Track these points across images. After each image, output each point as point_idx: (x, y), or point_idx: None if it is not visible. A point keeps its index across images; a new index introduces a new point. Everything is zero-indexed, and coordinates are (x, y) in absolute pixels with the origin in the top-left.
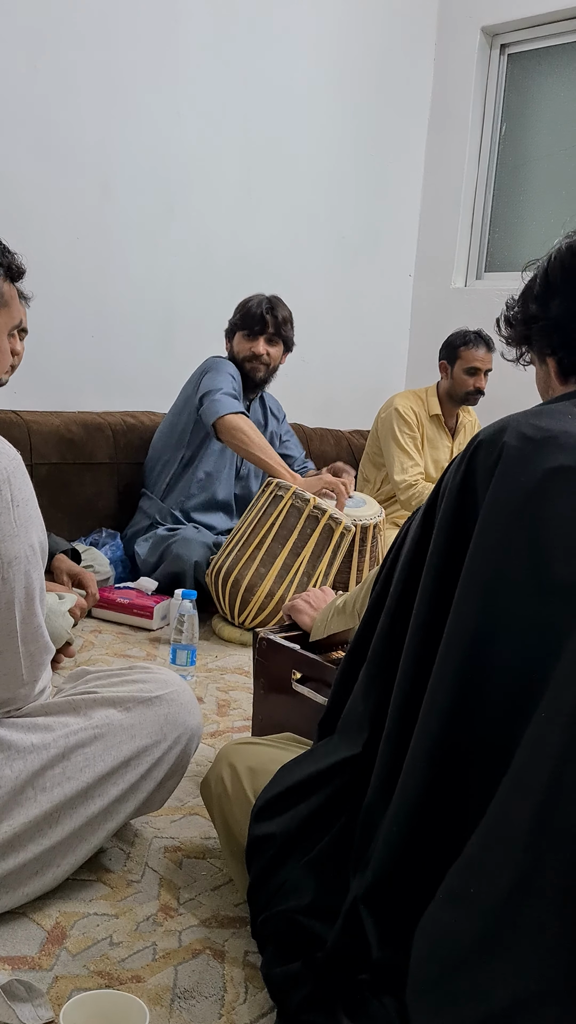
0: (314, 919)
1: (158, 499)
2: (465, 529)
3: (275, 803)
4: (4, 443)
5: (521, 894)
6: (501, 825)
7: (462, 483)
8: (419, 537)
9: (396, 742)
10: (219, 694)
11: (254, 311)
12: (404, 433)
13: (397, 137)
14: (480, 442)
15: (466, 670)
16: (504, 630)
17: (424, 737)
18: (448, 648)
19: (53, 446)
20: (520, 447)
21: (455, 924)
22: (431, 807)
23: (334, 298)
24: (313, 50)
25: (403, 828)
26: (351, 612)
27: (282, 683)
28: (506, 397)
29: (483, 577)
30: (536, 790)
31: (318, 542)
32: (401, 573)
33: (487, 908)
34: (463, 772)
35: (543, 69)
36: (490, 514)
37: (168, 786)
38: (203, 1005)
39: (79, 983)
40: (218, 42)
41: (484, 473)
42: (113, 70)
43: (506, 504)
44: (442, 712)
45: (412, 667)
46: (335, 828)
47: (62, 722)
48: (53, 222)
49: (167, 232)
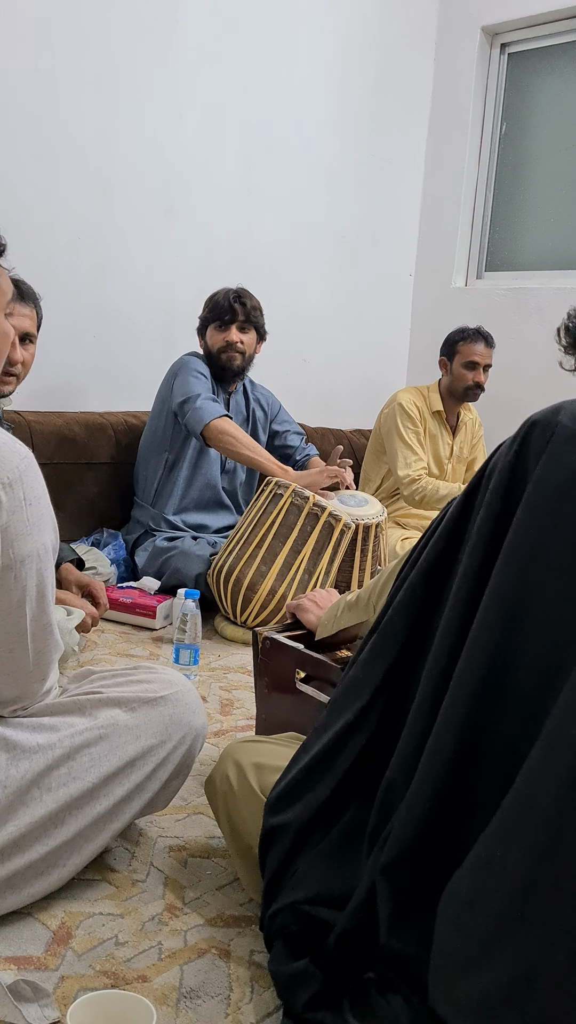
0: (322, 907)
1: (149, 506)
2: (511, 507)
3: (288, 794)
4: (17, 443)
5: (552, 857)
6: (534, 788)
7: (515, 460)
8: (459, 513)
9: (428, 718)
10: (223, 693)
11: (222, 302)
12: (407, 428)
13: (397, 137)
14: (535, 422)
15: (500, 645)
16: (539, 610)
17: (453, 712)
18: (482, 625)
19: (55, 446)
20: (574, 428)
21: (483, 890)
22: (459, 773)
23: (334, 298)
24: (313, 50)
25: (427, 803)
26: (364, 605)
27: (286, 682)
28: (508, 396)
29: (524, 552)
30: (569, 753)
31: (318, 539)
32: (436, 544)
33: (517, 874)
34: (494, 738)
35: (543, 68)
36: (537, 490)
37: (173, 786)
38: (209, 1004)
39: (85, 983)
40: (218, 42)
41: (536, 453)
42: (114, 70)
43: (553, 482)
44: (473, 685)
45: (450, 642)
46: (345, 818)
47: (67, 722)
48: (54, 222)
49: (168, 232)
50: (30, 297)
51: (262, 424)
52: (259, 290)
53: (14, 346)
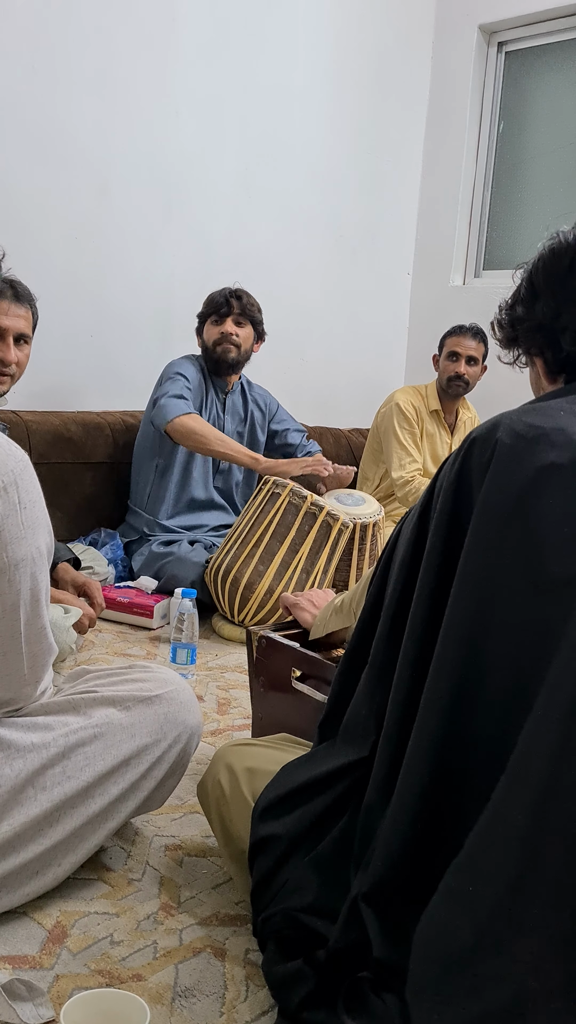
0: (315, 917)
1: (143, 512)
2: (461, 527)
3: (279, 804)
4: (12, 445)
5: (519, 892)
6: (499, 823)
7: (457, 481)
8: (415, 536)
9: (395, 742)
10: (219, 692)
11: (218, 298)
12: (403, 428)
13: (395, 135)
14: (474, 439)
15: (463, 669)
16: (500, 628)
17: (423, 736)
18: (445, 647)
19: (52, 446)
20: (513, 444)
21: (454, 922)
22: (431, 806)
23: (332, 296)
24: (310, 49)
25: (403, 827)
26: (348, 611)
27: (282, 681)
28: (505, 394)
29: (478, 576)
30: (533, 788)
31: (316, 538)
32: (399, 573)
33: (486, 906)
34: (462, 770)
35: (541, 67)
36: (484, 512)
37: (168, 785)
38: (204, 1003)
39: (80, 982)
40: (215, 41)
41: (478, 471)
42: (111, 69)
43: (499, 502)
44: (441, 711)
45: (410, 667)
46: (337, 828)
47: (62, 721)
48: (51, 222)
49: (165, 231)
50: (26, 298)
51: (260, 424)
52: (257, 289)
53: (8, 347)
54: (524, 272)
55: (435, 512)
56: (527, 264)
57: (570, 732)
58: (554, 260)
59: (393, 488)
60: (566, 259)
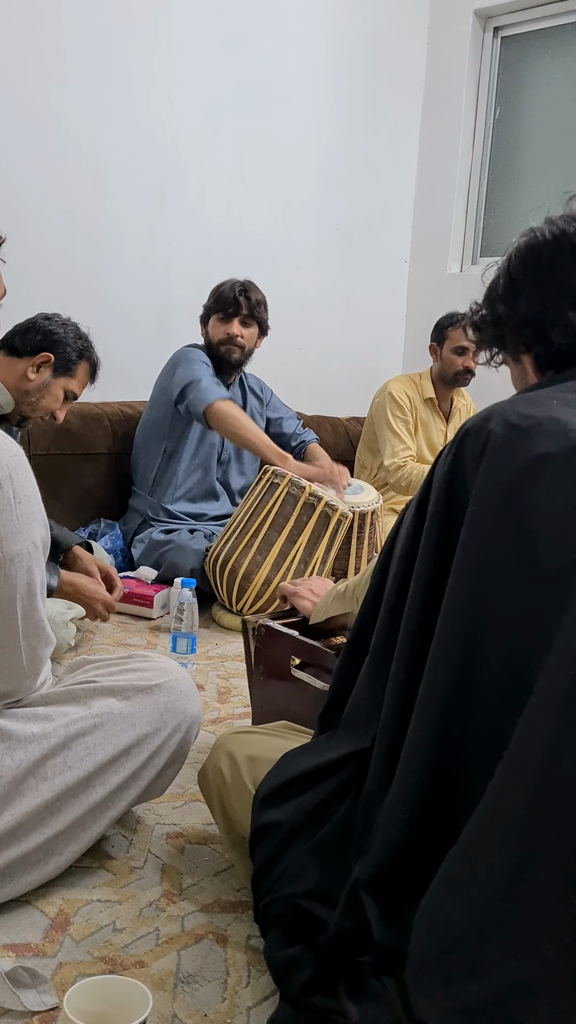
0: (316, 903)
1: (147, 495)
2: (455, 519)
3: (280, 791)
4: (7, 439)
5: (517, 878)
6: (496, 812)
7: (451, 473)
8: (413, 529)
9: (393, 732)
10: (220, 681)
11: (227, 294)
12: (397, 417)
13: (391, 122)
14: (467, 431)
15: (460, 660)
16: (496, 619)
17: (421, 726)
18: (442, 638)
19: (50, 437)
20: (506, 435)
21: (453, 908)
22: (430, 795)
23: (329, 285)
24: (305, 36)
25: (403, 815)
26: (350, 597)
27: (281, 669)
28: (501, 382)
29: (473, 567)
30: (529, 777)
31: (314, 529)
32: (397, 566)
33: (485, 893)
34: (461, 760)
35: (537, 52)
36: (478, 504)
37: (169, 773)
38: (206, 989)
39: (83, 969)
40: (210, 30)
41: (472, 462)
42: (105, 59)
43: (493, 494)
44: (439, 701)
45: (407, 658)
46: (338, 815)
47: (62, 711)
48: (47, 213)
49: (161, 221)
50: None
51: (259, 412)
52: (254, 278)
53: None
54: (499, 270)
55: (431, 504)
56: (498, 263)
57: (567, 721)
58: (533, 255)
59: (386, 475)
60: (546, 253)
